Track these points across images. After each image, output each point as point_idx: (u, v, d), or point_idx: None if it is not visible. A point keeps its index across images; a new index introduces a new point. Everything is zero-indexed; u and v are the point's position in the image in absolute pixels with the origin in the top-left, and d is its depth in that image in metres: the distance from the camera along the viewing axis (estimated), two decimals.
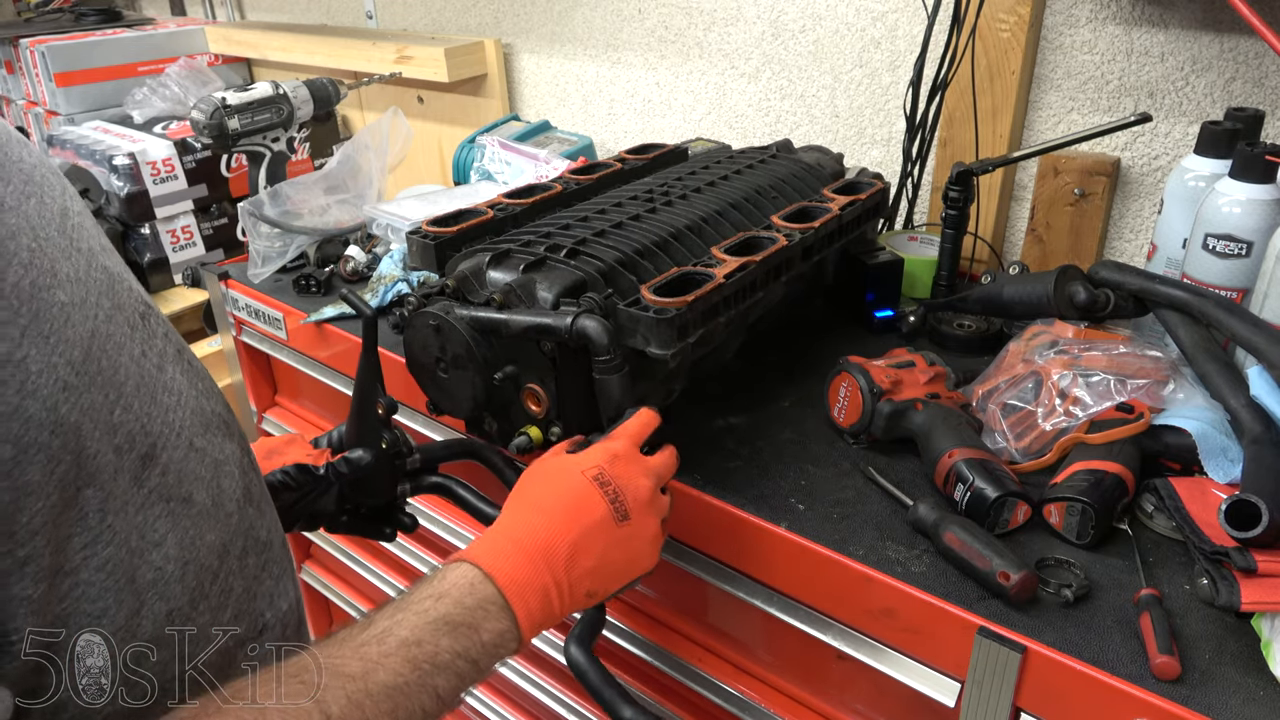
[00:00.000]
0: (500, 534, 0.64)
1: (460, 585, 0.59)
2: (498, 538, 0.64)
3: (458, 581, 0.60)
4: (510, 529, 0.65)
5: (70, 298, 0.44)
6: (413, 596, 0.59)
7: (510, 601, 0.60)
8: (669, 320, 0.76)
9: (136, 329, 0.50)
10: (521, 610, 0.61)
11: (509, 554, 0.62)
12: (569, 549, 0.65)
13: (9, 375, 0.39)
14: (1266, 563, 0.67)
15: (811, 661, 0.85)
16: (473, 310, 0.81)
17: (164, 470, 0.48)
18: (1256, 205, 0.85)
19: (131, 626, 0.47)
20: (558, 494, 0.67)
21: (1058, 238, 1.22)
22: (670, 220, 0.93)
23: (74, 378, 0.43)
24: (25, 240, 0.42)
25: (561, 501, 0.67)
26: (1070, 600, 0.69)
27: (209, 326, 1.45)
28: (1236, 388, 0.80)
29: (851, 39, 1.37)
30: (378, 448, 0.83)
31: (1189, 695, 0.61)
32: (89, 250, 0.47)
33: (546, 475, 0.70)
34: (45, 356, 0.41)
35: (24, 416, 0.40)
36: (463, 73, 1.80)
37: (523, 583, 0.62)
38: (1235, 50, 1.06)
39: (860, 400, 0.87)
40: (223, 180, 1.95)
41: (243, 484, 0.57)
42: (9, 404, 0.39)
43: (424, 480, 0.89)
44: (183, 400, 0.52)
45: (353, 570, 1.40)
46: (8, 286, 0.40)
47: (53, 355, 0.42)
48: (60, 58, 2.15)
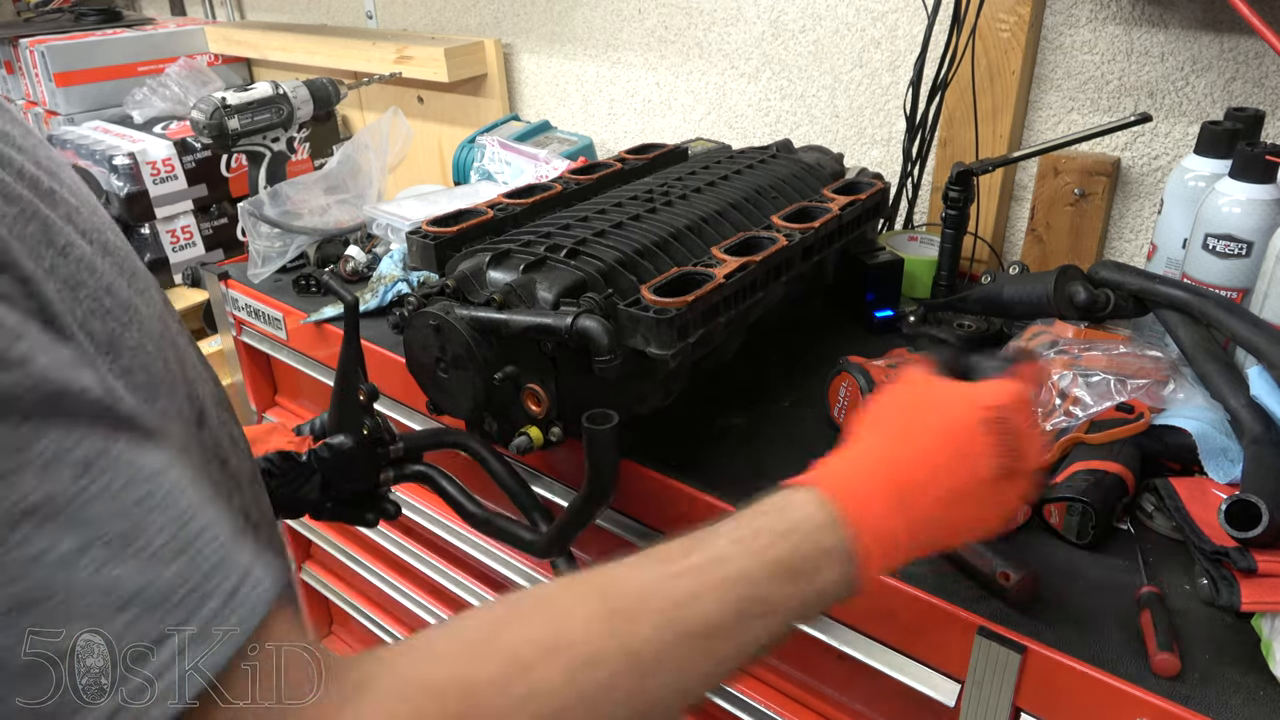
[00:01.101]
0: (866, 469, 0.55)
1: (809, 526, 0.50)
2: (861, 471, 0.55)
3: (807, 521, 0.51)
4: (878, 462, 0.55)
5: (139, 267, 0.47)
6: (748, 526, 0.50)
7: (857, 550, 0.51)
8: (669, 320, 0.76)
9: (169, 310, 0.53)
10: (864, 559, 0.51)
11: (872, 494, 0.53)
12: (939, 502, 0.54)
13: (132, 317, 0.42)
14: (1266, 563, 0.67)
15: (811, 661, 0.85)
16: (473, 310, 0.81)
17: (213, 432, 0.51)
18: (1256, 205, 0.85)
19: None
20: (945, 435, 0.56)
21: (1058, 238, 1.22)
22: (670, 220, 0.93)
23: (161, 332, 0.45)
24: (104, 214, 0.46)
25: (949, 447, 0.55)
26: None
27: (209, 326, 1.45)
28: (1236, 388, 0.80)
29: (851, 39, 1.37)
30: (359, 433, 0.84)
31: (1189, 695, 0.61)
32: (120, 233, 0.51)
33: (937, 408, 0.57)
34: (147, 307, 0.44)
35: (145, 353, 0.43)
36: (463, 73, 1.80)
37: (877, 529, 0.52)
38: (1235, 50, 1.06)
39: (860, 400, 0.87)
40: (223, 180, 1.94)
41: (250, 465, 0.60)
42: (134, 340, 0.42)
43: (407, 469, 0.90)
44: (203, 377, 0.54)
45: (353, 570, 1.40)
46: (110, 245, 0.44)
47: (148, 308, 0.45)
48: (60, 58, 2.15)
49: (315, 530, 1.47)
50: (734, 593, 0.47)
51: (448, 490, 0.89)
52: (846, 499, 0.52)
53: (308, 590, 1.57)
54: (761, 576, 0.48)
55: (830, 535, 0.50)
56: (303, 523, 1.45)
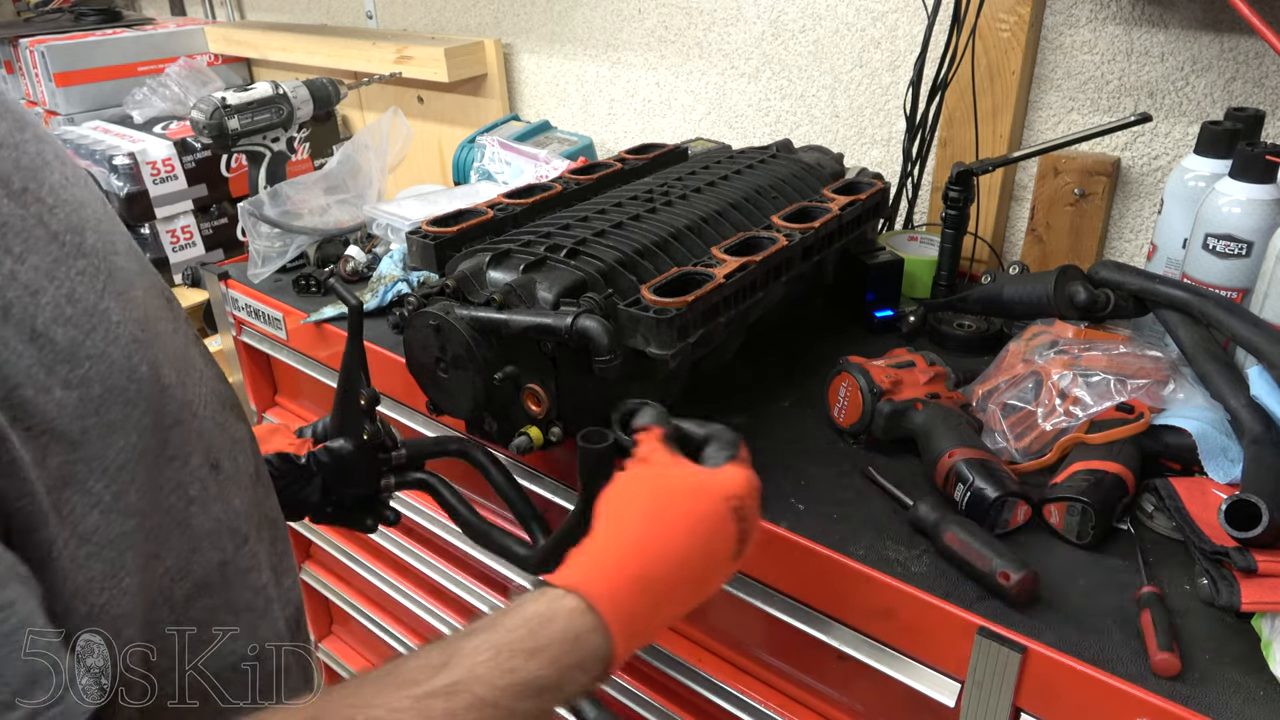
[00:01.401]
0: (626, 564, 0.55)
1: (564, 639, 0.50)
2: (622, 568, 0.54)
3: (564, 633, 0.50)
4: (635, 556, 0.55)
5: (128, 265, 0.48)
6: (502, 640, 0.49)
7: (615, 653, 0.52)
8: (669, 320, 0.76)
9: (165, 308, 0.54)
10: (619, 658, 0.52)
11: (634, 592, 0.53)
12: (688, 590, 0.57)
13: (97, 322, 0.43)
14: (1266, 563, 0.67)
15: (811, 661, 0.85)
16: (473, 310, 0.81)
17: (200, 434, 0.52)
18: (1256, 205, 0.85)
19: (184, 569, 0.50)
20: (697, 522, 0.57)
21: (1058, 238, 1.22)
22: (670, 220, 0.93)
23: (141, 333, 0.46)
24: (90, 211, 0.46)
25: (700, 534, 0.57)
26: None
27: (209, 326, 1.45)
28: (1236, 388, 0.80)
29: (851, 39, 1.37)
30: (359, 438, 0.84)
31: (1189, 695, 0.61)
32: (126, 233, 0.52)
33: (686, 496, 0.59)
34: (122, 310, 0.45)
35: (109, 360, 0.43)
36: (463, 73, 1.80)
37: (637, 630, 0.53)
38: (1235, 50, 1.06)
39: (860, 400, 0.87)
40: (223, 180, 1.94)
41: (254, 463, 0.61)
42: (98, 348, 0.43)
43: (408, 475, 0.90)
44: (204, 377, 0.55)
45: (353, 570, 1.40)
46: (88, 246, 0.44)
47: (126, 310, 0.45)
48: (60, 58, 2.15)
49: (315, 530, 1.46)
50: (483, 714, 0.46)
51: (447, 499, 0.89)
52: (610, 604, 0.52)
53: (308, 590, 1.57)
54: (505, 699, 0.47)
55: (588, 645, 0.51)
56: (303, 523, 1.45)
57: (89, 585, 0.43)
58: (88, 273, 0.43)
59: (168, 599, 0.49)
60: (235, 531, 0.55)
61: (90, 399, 0.42)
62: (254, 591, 0.57)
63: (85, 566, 0.43)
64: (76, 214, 0.45)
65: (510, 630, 0.49)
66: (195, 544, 0.51)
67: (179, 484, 0.50)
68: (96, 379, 0.43)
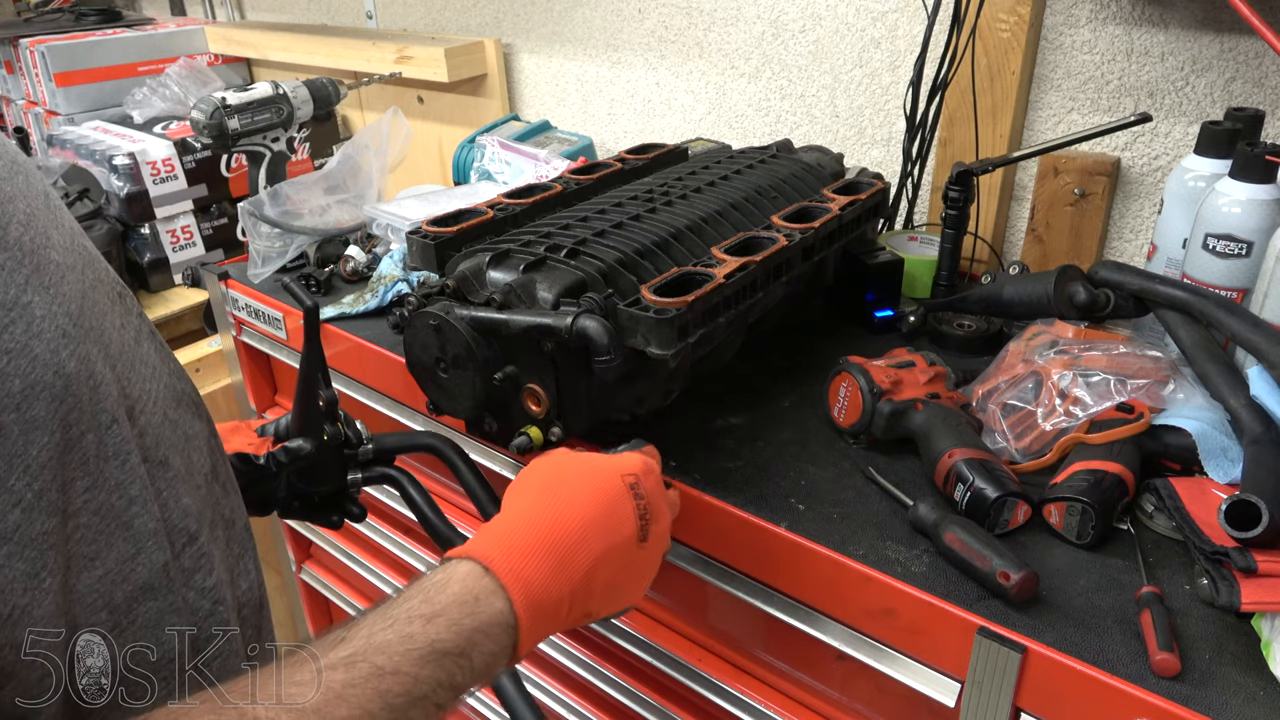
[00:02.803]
0: (522, 529, 0.56)
1: (461, 601, 0.51)
2: (519, 533, 0.56)
3: (460, 595, 0.51)
4: (534, 523, 0.57)
5: (63, 259, 0.47)
6: (400, 610, 0.50)
7: (519, 617, 0.53)
8: (669, 320, 0.76)
9: (115, 303, 0.52)
10: (526, 627, 0.53)
11: (531, 552, 0.55)
12: (593, 561, 0.57)
13: (17, 316, 0.42)
14: (1266, 563, 0.67)
15: (811, 661, 0.85)
16: (473, 310, 0.81)
17: (142, 432, 0.50)
18: (1256, 205, 0.85)
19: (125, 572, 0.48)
20: (592, 494, 0.60)
21: (1058, 238, 1.22)
22: (670, 220, 0.93)
23: (71, 328, 0.45)
24: (21, 205, 0.45)
25: (597, 504, 0.59)
26: None
27: (209, 326, 1.45)
28: (1236, 388, 0.80)
29: (851, 39, 1.37)
30: (319, 438, 0.84)
31: (1189, 695, 0.61)
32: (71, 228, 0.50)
33: (581, 471, 0.62)
34: (47, 304, 0.44)
35: (30, 355, 0.42)
36: (463, 73, 1.80)
37: (539, 595, 0.54)
38: (1235, 50, 1.06)
39: (860, 400, 0.87)
40: (223, 180, 1.94)
41: (210, 461, 0.59)
42: (17, 342, 0.42)
43: (375, 471, 0.90)
44: (156, 374, 0.54)
45: (353, 570, 1.40)
46: (10, 240, 0.43)
47: (53, 305, 0.44)
48: (60, 58, 2.15)
49: (315, 530, 1.47)
50: (384, 684, 0.46)
51: (414, 497, 0.87)
52: (509, 564, 0.53)
53: (307, 590, 1.57)
54: (405, 665, 0.47)
55: (487, 609, 0.51)
56: (303, 524, 1.45)
57: (10, 585, 0.42)
58: (6, 266, 0.42)
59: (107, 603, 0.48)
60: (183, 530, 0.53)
61: (10, 394, 0.41)
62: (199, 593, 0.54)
63: (6, 566, 0.42)
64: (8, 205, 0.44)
65: (407, 600, 0.50)
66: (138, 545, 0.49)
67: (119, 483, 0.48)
68: (15, 374, 0.42)
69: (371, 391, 1.17)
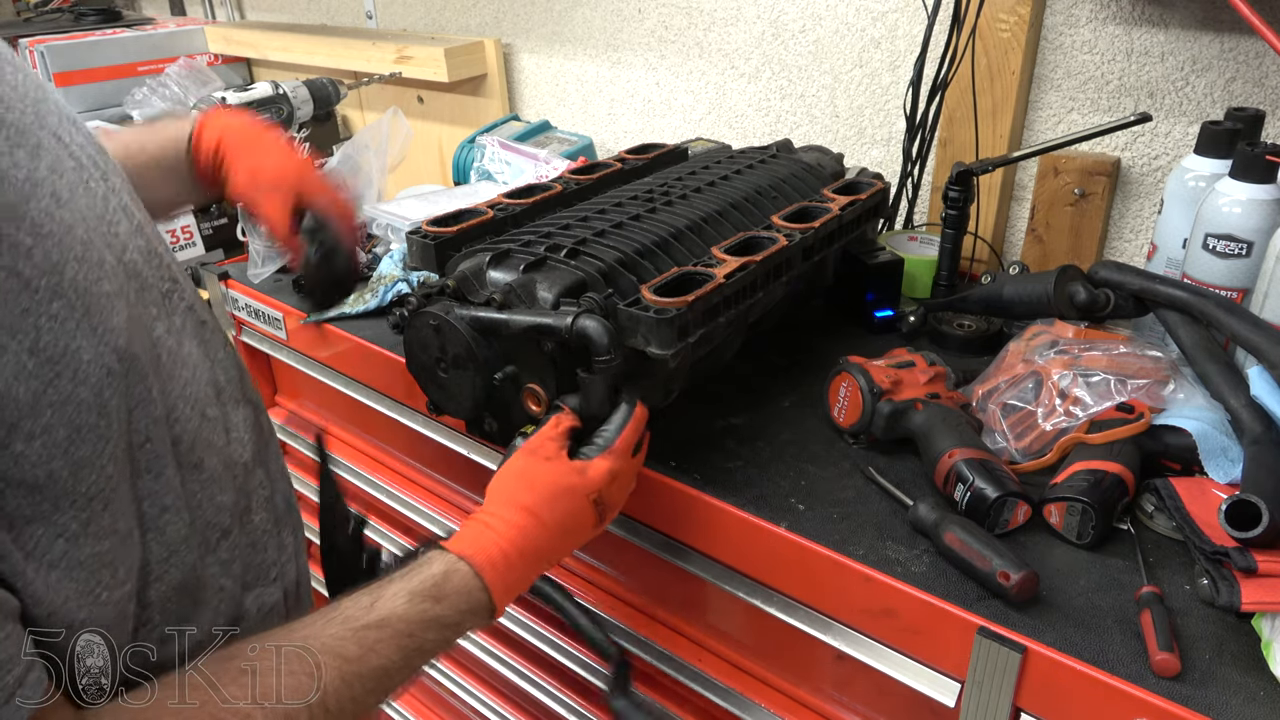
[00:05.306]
0: (505, 543, 0.68)
1: (460, 594, 0.64)
2: (503, 548, 0.68)
3: (459, 588, 0.65)
4: (514, 539, 0.69)
5: (113, 287, 0.48)
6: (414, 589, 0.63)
7: (496, 605, 0.66)
8: (669, 320, 0.76)
9: (160, 308, 0.54)
10: (500, 609, 0.67)
11: (512, 567, 0.67)
12: (555, 558, 0.73)
13: (64, 368, 0.44)
14: (1266, 563, 0.67)
15: (811, 661, 0.85)
16: (473, 310, 0.81)
17: (177, 440, 0.54)
18: (1256, 205, 0.85)
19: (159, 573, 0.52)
20: (564, 514, 0.71)
21: (1058, 238, 1.22)
22: (670, 220, 0.93)
23: (116, 364, 0.47)
24: (80, 233, 0.46)
25: (564, 522, 0.71)
26: None
27: None
28: (1236, 388, 0.80)
29: (851, 39, 1.37)
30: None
31: (1189, 695, 0.61)
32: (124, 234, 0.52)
33: (555, 492, 0.72)
34: (94, 347, 0.46)
35: (76, 401, 0.44)
36: (463, 73, 1.79)
37: (513, 590, 0.68)
38: (1235, 50, 1.06)
39: (860, 400, 0.87)
40: None
41: (253, 448, 0.64)
42: (63, 393, 0.43)
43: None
44: (196, 374, 0.57)
45: None
46: (66, 283, 0.44)
47: (100, 345, 0.46)
48: (60, 57, 2.15)
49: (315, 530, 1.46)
50: (404, 643, 0.60)
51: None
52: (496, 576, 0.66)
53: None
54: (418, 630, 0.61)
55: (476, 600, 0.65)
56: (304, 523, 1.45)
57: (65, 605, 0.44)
58: (60, 315, 0.43)
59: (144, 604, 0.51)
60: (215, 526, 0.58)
61: (55, 444, 0.43)
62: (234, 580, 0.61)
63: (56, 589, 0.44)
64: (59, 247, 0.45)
65: (421, 581, 0.63)
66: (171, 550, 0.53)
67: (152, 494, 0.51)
68: (61, 423, 0.43)
69: (371, 391, 1.17)
